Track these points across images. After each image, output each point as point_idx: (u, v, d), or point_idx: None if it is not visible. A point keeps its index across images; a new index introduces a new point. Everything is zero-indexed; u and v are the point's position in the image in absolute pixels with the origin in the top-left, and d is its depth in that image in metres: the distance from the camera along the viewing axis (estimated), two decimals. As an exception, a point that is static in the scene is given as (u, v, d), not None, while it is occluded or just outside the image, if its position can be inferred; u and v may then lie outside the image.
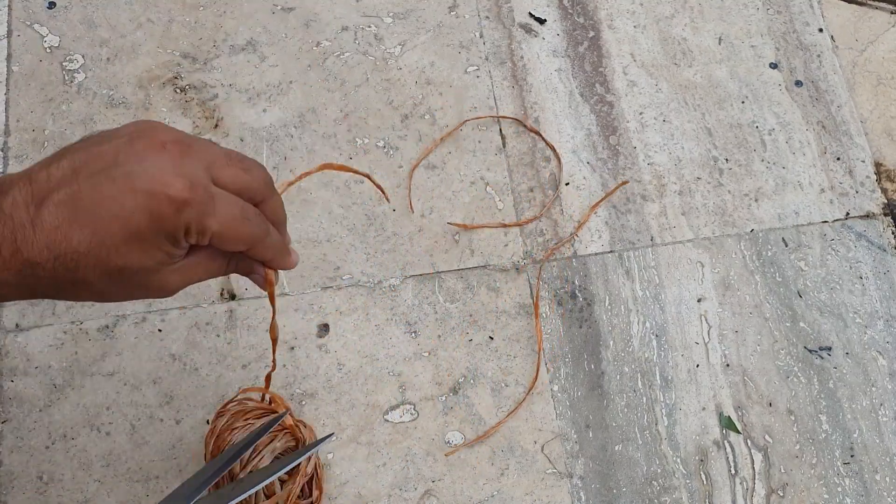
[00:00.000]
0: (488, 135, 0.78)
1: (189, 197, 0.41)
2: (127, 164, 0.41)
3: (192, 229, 0.42)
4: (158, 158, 0.41)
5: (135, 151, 0.41)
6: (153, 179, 0.40)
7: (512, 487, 0.67)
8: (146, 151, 0.41)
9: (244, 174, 0.45)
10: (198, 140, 0.43)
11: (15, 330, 0.70)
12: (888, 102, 0.82)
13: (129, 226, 0.40)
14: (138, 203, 0.40)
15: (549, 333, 0.72)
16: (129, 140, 0.42)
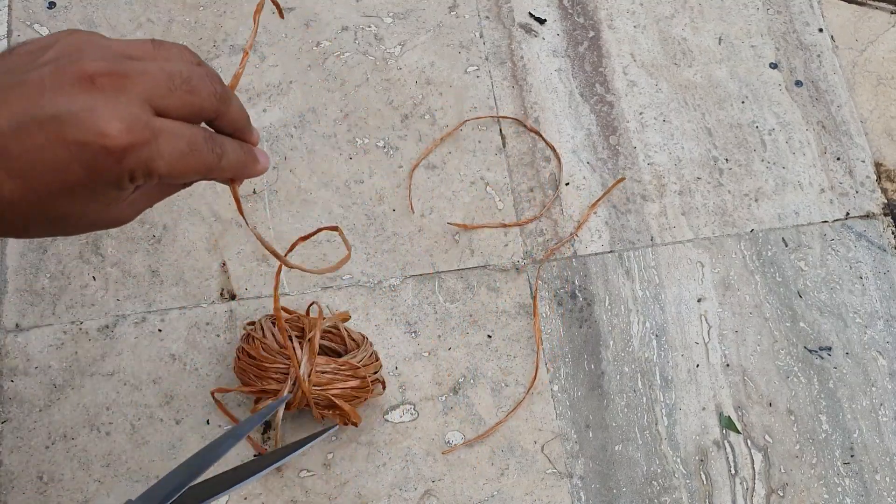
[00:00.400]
0: (488, 135, 0.78)
1: (128, 143, 0.36)
2: (54, 104, 0.35)
3: (136, 174, 0.37)
4: (88, 98, 0.36)
5: (61, 86, 0.36)
6: (85, 127, 0.35)
7: (512, 487, 0.67)
8: (73, 88, 0.36)
9: (190, 97, 0.39)
10: (132, 63, 0.37)
11: (15, 330, 0.70)
12: (888, 102, 0.82)
13: (66, 179, 0.36)
14: (72, 155, 0.35)
15: (549, 333, 0.72)
16: (55, 70, 0.36)
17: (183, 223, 0.74)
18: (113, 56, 0.37)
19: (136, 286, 0.72)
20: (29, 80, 0.36)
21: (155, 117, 0.37)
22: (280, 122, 0.78)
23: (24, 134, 0.35)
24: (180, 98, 0.38)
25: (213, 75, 0.40)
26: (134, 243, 0.73)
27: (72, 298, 0.71)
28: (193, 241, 0.73)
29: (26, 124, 0.35)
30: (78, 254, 0.73)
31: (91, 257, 0.72)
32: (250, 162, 0.43)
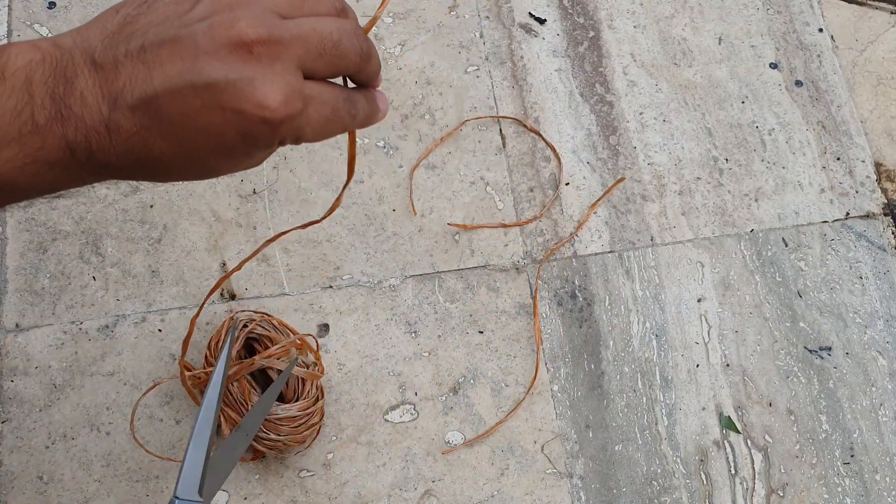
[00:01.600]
0: (488, 135, 0.78)
1: (285, 115, 0.36)
2: (211, 70, 0.35)
3: (286, 139, 0.38)
4: (246, 67, 0.35)
5: (217, 51, 0.35)
6: (244, 97, 0.35)
7: (512, 487, 0.67)
8: (231, 56, 0.35)
9: (338, 60, 0.38)
10: (286, 26, 0.37)
11: (15, 330, 0.70)
12: (888, 102, 0.82)
13: (219, 142, 0.36)
14: (228, 121, 0.35)
15: (549, 333, 0.72)
16: (209, 30, 0.35)
17: (183, 223, 0.74)
18: (266, 16, 0.36)
19: (136, 286, 0.72)
20: (182, 38, 0.35)
21: (306, 82, 0.37)
22: (280, 122, 0.78)
23: (178, 97, 0.35)
24: (329, 61, 0.38)
25: (359, 31, 0.40)
26: (134, 243, 0.73)
27: (72, 298, 0.71)
28: (193, 241, 0.73)
29: (181, 87, 0.35)
30: (78, 254, 0.73)
31: (91, 257, 0.72)
32: (374, 112, 0.43)
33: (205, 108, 0.35)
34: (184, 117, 0.35)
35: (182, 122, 0.35)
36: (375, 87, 0.43)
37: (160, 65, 0.35)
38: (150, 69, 0.35)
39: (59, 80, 0.35)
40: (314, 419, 0.64)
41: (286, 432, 0.63)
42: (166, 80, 0.35)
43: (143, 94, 0.35)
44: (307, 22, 0.37)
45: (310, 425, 0.64)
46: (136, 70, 0.35)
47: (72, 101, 0.35)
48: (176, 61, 0.35)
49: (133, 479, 0.66)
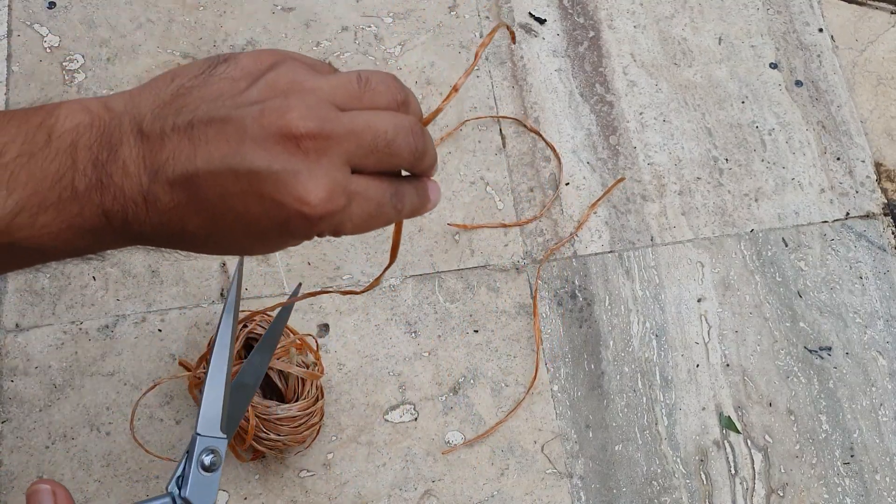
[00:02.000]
0: (488, 135, 0.78)
1: (325, 211, 0.35)
2: (255, 158, 0.34)
3: (324, 233, 0.37)
4: (292, 160, 0.34)
5: (265, 140, 0.34)
6: (285, 190, 0.34)
7: (512, 487, 0.67)
8: (277, 146, 0.34)
9: (390, 158, 0.37)
10: (338, 119, 0.35)
11: (15, 330, 0.70)
12: (888, 102, 0.81)
13: (255, 228, 0.36)
14: (265, 210, 0.35)
15: (549, 333, 0.72)
16: (260, 116, 0.34)
17: (183, 223, 0.74)
18: (320, 107, 0.35)
19: (136, 286, 0.72)
20: (231, 120, 0.35)
21: (352, 177, 0.36)
22: (280, 122, 0.78)
23: (219, 179, 0.34)
24: (380, 158, 0.37)
25: (416, 128, 0.38)
26: (134, 243, 0.73)
27: (72, 298, 0.71)
28: (193, 241, 0.73)
29: (223, 170, 0.34)
30: (78, 254, 0.72)
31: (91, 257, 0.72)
32: (423, 204, 0.41)
33: (243, 194, 0.34)
34: (221, 200, 0.35)
35: (219, 204, 0.35)
36: (429, 178, 0.41)
37: (206, 144, 0.34)
38: (196, 147, 0.34)
39: (104, 147, 0.35)
40: (314, 419, 0.64)
41: (286, 432, 0.63)
42: (209, 161, 0.34)
43: (185, 171, 0.34)
44: (362, 117, 0.36)
45: (310, 425, 0.64)
46: (181, 145, 0.34)
47: (113, 170, 0.35)
48: (221, 143, 0.34)
49: (133, 479, 0.66)
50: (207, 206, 0.35)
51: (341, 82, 0.37)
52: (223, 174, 0.34)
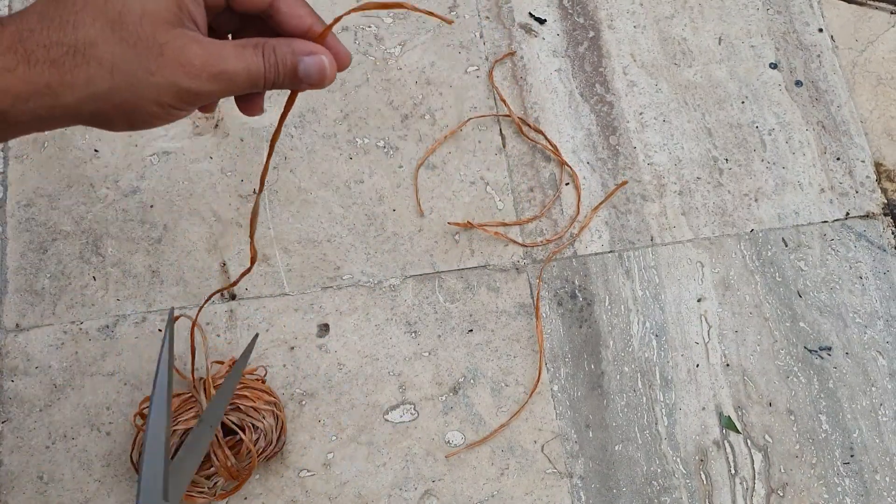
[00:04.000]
0: (488, 135, 0.78)
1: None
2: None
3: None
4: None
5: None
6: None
7: (512, 487, 0.67)
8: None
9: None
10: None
11: (15, 330, 0.70)
12: (888, 102, 0.82)
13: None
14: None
15: (549, 333, 0.72)
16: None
17: (183, 223, 0.74)
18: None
19: (136, 286, 0.72)
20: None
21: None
22: (280, 122, 0.78)
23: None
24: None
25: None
26: (134, 243, 0.73)
27: (72, 298, 0.71)
28: (193, 241, 0.73)
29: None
30: (78, 254, 0.73)
31: (91, 257, 0.72)
32: (318, 20, 0.42)
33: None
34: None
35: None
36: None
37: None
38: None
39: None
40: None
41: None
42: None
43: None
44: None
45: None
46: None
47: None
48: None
49: (133, 479, 0.66)
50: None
51: None
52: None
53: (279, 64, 0.41)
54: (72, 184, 0.75)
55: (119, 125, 0.39)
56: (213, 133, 0.77)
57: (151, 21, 0.37)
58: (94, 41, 0.37)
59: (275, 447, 0.65)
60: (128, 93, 0.37)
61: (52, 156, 0.76)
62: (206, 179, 0.75)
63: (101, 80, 0.37)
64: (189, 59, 0.38)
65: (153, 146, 0.76)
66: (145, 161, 0.76)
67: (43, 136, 0.76)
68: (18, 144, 0.76)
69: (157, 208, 0.74)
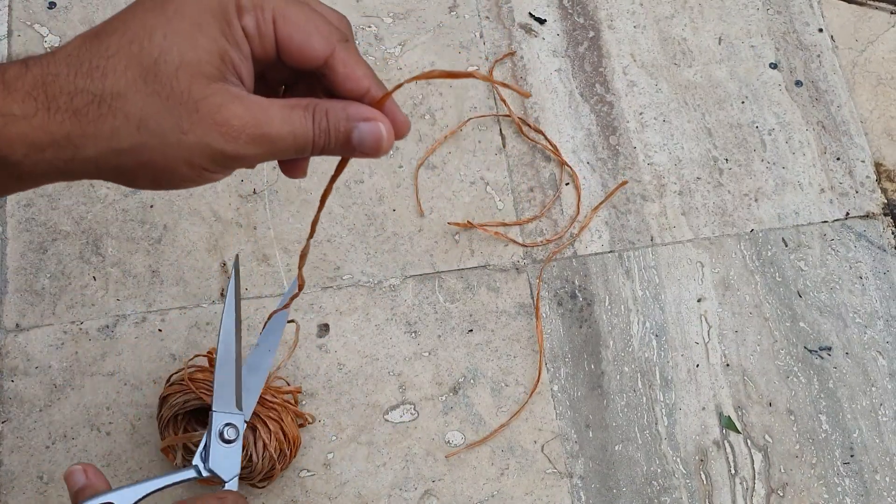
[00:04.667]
0: (488, 135, 0.78)
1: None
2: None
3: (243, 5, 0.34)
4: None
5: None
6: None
7: (512, 487, 0.67)
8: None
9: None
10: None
11: (15, 330, 0.70)
12: (888, 102, 0.81)
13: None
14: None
15: (549, 333, 0.72)
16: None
17: (183, 223, 0.74)
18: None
19: (136, 286, 0.72)
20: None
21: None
22: (280, 122, 0.78)
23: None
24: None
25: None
26: (134, 243, 0.73)
27: (72, 298, 0.71)
28: (193, 241, 0.73)
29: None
30: (78, 254, 0.73)
31: (91, 257, 0.72)
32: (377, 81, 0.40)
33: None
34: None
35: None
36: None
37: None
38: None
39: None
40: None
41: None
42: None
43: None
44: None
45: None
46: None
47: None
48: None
49: (133, 478, 0.66)
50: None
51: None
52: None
53: (331, 130, 0.37)
54: (72, 184, 0.75)
55: (142, 184, 0.36)
56: (213, 133, 0.77)
57: (189, 73, 0.34)
58: (123, 92, 0.33)
59: (258, 483, 0.64)
60: (156, 152, 0.34)
61: (52, 156, 0.76)
62: (206, 179, 0.75)
63: (125, 135, 0.34)
64: (227, 118, 0.34)
65: (153, 146, 0.76)
66: (145, 161, 0.76)
67: (43, 136, 0.76)
68: (18, 144, 0.76)
69: (157, 208, 0.74)
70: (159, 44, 0.34)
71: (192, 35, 0.34)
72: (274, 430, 0.62)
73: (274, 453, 0.62)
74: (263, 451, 0.61)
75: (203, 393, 0.60)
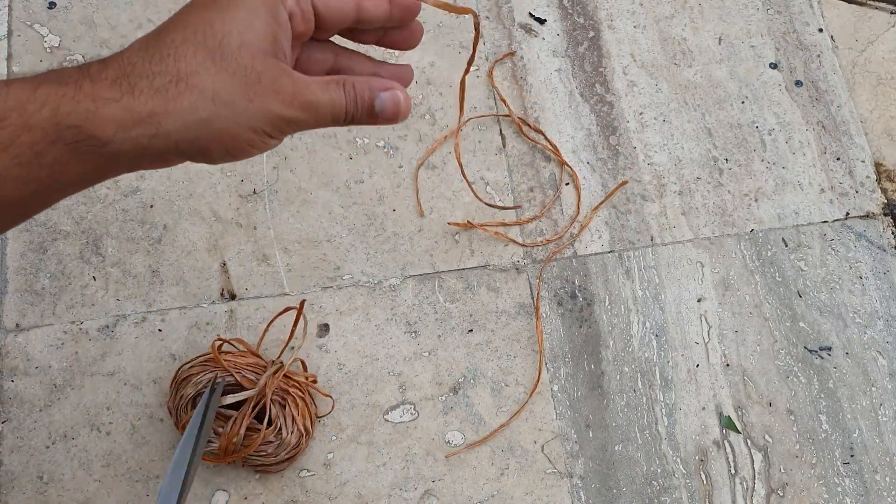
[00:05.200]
0: (488, 135, 0.78)
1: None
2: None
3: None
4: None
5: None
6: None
7: (512, 487, 0.67)
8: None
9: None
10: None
11: (15, 330, 0.70)
12: (888, 102, 0.82)
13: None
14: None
15: (549, 333, 0.72)
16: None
17: (183, 223, 0.74)
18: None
19: (136, 286, 0.72)
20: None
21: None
22: (280, 122, 0.78)
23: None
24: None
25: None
26: (134, 243, 0.73)
27: (72, 298, 0.71)
28: (193, 241, 0.73)
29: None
30: (78, 254, 0.73)
31: (91, 257, 0.72)
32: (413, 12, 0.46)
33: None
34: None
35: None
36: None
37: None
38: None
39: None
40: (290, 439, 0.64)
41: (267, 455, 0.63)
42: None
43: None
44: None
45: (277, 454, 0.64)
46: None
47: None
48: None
49: (133, 478, 0.66)
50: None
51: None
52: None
53: (358, 99, 0.43)
54: (72, 184, 0.75)
55: (216, 153, 0.40)
56: (213, 133, 0.77)
57: (250, 51, 0.39)
58: (196, 70, 0.38)
59: (277, 465, 0.65)
60: (228, 120, 0.39)
61: (52, 156, 0.76)
62: (206, 179, 0.75)
63: (202, 107, 0.38)
64: (283, 87, 0.40)
65: (153, 146, 0.76)
66: (145, 161, 0.76)
67: (43, 136, 0.76)
68: (18, 144, 0.76)
69: (157, 208, 0.74)
70: (220, 29, 0.39)
71: (248, 20, 0.39)
72: (300, 407, 0.64)
73: (301, 428, 0.63)
74: (292, 425, 0.63)
75: (232, 369, 0.62)
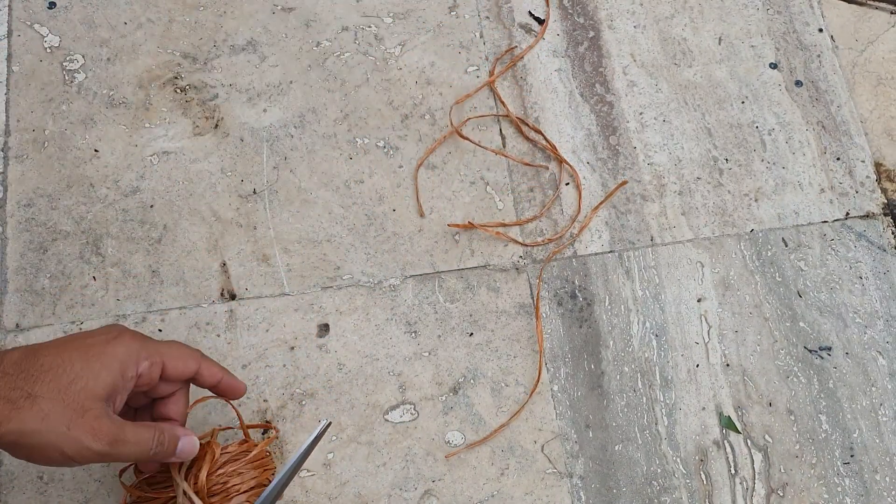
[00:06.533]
0: (488, 135, 0.78)
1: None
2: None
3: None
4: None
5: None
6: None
7: (512, 487, 0.67)
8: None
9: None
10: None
11: (15, 330, 0.70)
12: (888, 102, 0.82)
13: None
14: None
15: (549, 333, 0.72)
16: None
17: (183, 223, 0.74)
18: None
19: (136, 286, 0.72)
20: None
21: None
22: (280, 122, 0.78)
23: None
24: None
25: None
26: (134, 243, 0.73)
27: (72, 298, 0.71)
28: (193, 241, 0.73)
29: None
30: (78, 254, 0.73)
31: (91, 257, 0.72)
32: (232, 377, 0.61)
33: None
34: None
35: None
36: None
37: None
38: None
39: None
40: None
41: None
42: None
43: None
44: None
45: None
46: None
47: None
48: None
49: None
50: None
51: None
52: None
53: (166, 442, 0.55)
54: (72, 184, 0.75)
55: (19, 455, 0.50)
56: (213, 133, 0.77)
57: (88, 394, 0.51)
58: (44, 395, 0.50)
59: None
60: (45, 437, 0.49)
61: (52, 156, 0.76)
62: (206, 179, 0.75)
63: (32, 422, 0.49)
64: (100, 425, 0.51)
65: (153, 146, 0.76)
66: (145, 161, 0.76)
67: (43, 136, 0.76)
68: (18, 144, 0.76)
69: (157, 208, 0.74)
70: (76, 371, 0.51)
71: (98, 372, 0.52)
72: (245, 479, 0.60)
73: (256, 487, 0.60)
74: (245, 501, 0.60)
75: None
